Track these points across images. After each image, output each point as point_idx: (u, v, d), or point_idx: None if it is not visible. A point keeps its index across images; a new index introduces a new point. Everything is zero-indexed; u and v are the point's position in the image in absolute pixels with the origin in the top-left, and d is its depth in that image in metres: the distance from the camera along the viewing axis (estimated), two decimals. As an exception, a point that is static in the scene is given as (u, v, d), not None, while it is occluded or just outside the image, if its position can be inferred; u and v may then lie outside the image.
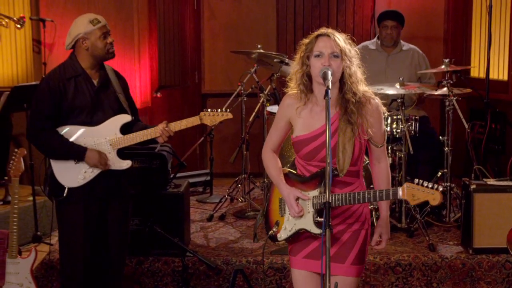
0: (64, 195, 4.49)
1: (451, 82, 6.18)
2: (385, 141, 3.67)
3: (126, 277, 5.40)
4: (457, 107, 6.06)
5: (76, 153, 4.45)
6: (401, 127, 5.96)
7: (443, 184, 6.13)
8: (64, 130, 4.48)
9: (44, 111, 4.46)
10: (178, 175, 7.54)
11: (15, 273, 4.96)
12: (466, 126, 6.08)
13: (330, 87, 3.34)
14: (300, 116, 3.59)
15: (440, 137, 6.34)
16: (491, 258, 5.47)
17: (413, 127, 6.14)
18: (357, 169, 3.58)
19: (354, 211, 3.58)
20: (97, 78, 4.56)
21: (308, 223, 3.52)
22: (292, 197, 3.53)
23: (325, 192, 3.29)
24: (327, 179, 3.25)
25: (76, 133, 4.47)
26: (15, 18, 6.90)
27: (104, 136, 4.52)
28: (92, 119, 4.51)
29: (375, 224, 5.69)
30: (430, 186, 3.24)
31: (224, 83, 8.62)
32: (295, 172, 3.67)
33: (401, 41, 6.95)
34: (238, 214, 6.68)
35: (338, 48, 3.49)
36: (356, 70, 3.57)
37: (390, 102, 6.24)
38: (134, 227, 5.45)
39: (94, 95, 4.52)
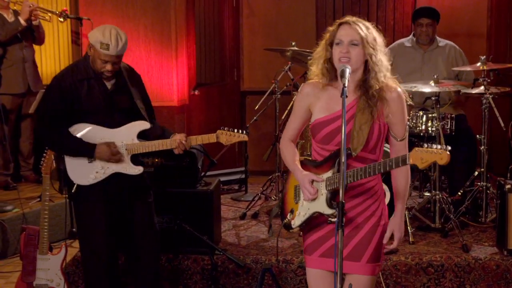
0: (72, 191, 4.54)
1: (487, 80, 6.03)
2: (406, 135, 3.55)
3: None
4: (493, 105, 5.92)
5: (86, 150, 4.48)
6: (435, 125, 5.85)
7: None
8: (81, 128, 4.51)
9: (54, 110, 4.48)
10: (215, 172, 7.59)
11: (46, 269, 5.02)
12: (502, 125, 5.93)
13: (346, 84, 3.29)
14: (319, 101, 3.56)
15: (477, 136, 6.19)
16: (527, 259, 5.35)
17: (449, 126, 6.03)
18: (376, 158, 3.51)
19: (370, 205, 3.52)
20: (112, 81, 4.56)
21: (321, 205, 3.47)
22: (307, 180, 3.48)
23: (338, 172, 3.25)
24: (342, 175, 3.18)
25: (93, 133, 4.51)
26: (57, 12, 6.97)
27: (121, 140, 4.55)
28: (109, 121, 4.53)
29: (408, 224, 5.73)
30: (438, 147, 3.16)
31: (263, 80, 8.59)
32: (310, 158, 3.64)
33: (437, 37, 6.80)
34: (279, 213, 6.63)
35: (359, 36, 3.43)
36: (382, 58, 3.50)
37: (425, 100, 6.14)
38: (164, 225, 5.47)
39: (108, 98, 4.53)
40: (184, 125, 7.73)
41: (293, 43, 6.69)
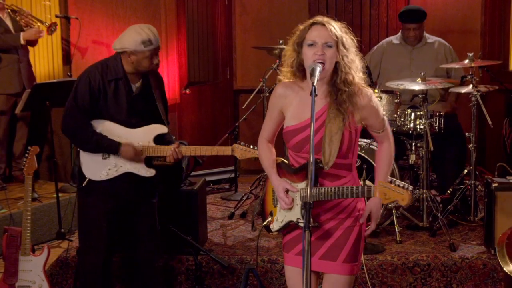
0: (84, 184, 4.58)
1: (476, 78, 5.96)
2: (385, 126, 3.53)
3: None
4: (481, 102, 5.86)
5: (111, 146, 4.51)
6: (423, 123, 5.80)
7: (416, 187, 6.02)
8: (100, 124, 4.54)
9: (81, 106, 4.50)
10: (206, 172, 7.56)
11: (28, 270, 4.99)
12: (490, 122, 5.87)
13: (315, 83, 3.24)
14: (290, 105, 3.51)
15: (466, 134, 6.14)
16: (514, 258, 5.28)
17: (438, 123, 5.97)
18: (349, 162, 3.47)
19: (346, 206, 3.48)
20: (138, 83, 4.59)
21: (296, 215, 3.46)
22: (282, 189, 3.47)
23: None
24: (309, 178, 3.14)
25: (111, 130, 4.54)
26: (46, 24, 6.94)
27: (138, 141, 4.57)
28: (129, 122, 4.55)
29: (395, 223, 5.68)
30: (401, 185, 3.12)
31: (256, 79, 8.46)
32: (287, 162, 3.59)
33: (426, 34, 6.73)
34: (259, 212, 6.59)
35: (333, 37, 3.37)
36: (354, 59, 3.45)
37: (412, 97, 6.08)
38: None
39: (132, 101, 4.55)
40: (176, 124, 7.69)
41: (281, 41, 6.64)
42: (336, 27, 3.42)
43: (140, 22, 7.34)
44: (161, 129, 4.65)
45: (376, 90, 5.95)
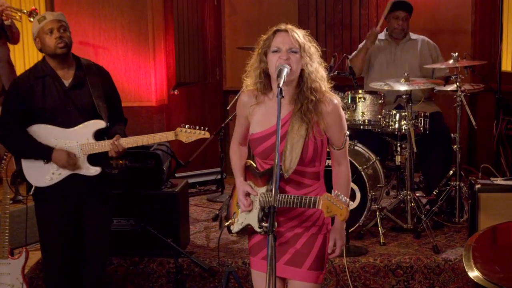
0: (31, 193, 4.49)
1: (461, 75, 5.91)
2: (345, 144, 3.45)
3: (116, 277, 5.37)
4: (465, 103, 5.81)
5: (43, 153, 4.40)
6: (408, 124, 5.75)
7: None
8: (36, 129, 4.42)
9: (11, 111, 4.42)
10: (193, 173, 7.52)
11: (7, 273, 4.94)
12: (474, 123, 5.82)
13: (281, 84, 3.20)
14: (255, 113, 3.48)
15: (452, 134, 6.09)
16: (498, 260, 5.23)
17: (423, 124, 5.92)
18: (315, 171, 3.42)
19: (311, 215, 3.43)
20: (70, 79, 4.46)
21: (253, 219, 3.43)
22: (242, 191, 3.46)
23: (270, 191, 3.19)
24: (274, 182, 3.10)
25: (48, 133, 4.41)
26: (25, 11, 6.83)
27: (76, 140, 4.44)
28: (66, 120, 4.42)
29: (379, 225, 5.63)
30: (343, 200, 3.08)
31: (246, 79, 8.48)
32: (255, 165, 3.55)
33: (410, 32, 6.71)
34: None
35: (297, 43, 3.33)
36: (318, 68, 3.41)
37: (396, 98, 6.04)
38: (128, 227, 5.41)
39: (65, 96, 4.42)
40: (164, 126, 7.64)
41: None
42: (300, 34, 3.37)
43: (127, 22, 7.42)
44: (98, 124, 4.45)
45: (360, 91, 5.90)
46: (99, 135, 4.46)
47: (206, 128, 4.57)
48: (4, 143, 4.61)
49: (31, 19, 6.81)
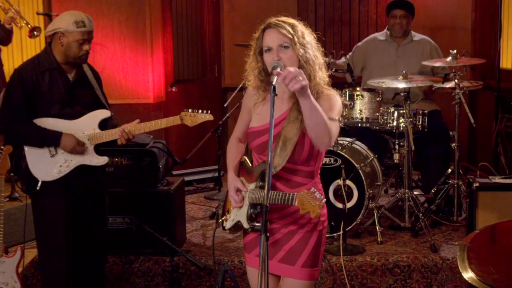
0: (38, 188, 4.42)
1: (459, 73, 5.87)
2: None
3: (112, 275, 5.34)
4: (463, 100, 5.77)
5: (52, 137, 4.37)
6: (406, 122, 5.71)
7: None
8: (43, 122, 4.40)
9: (16, 103, 4.38)
10: (190, 171, 7.48)
11: (1, 272, 4.90)
12: (472, 121, 5.78)
13: (274, 82, 3.14)
14: (257, 108, 3.46)
15: (450, 132, 6.05)
16: (496, 259, 5.19)
17: (421, 122, 5.88)
18: (310, 170, 3.38)
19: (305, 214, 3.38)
20: (73, 73, 4.49)
21: (243, 216, 3.41)
22: (233, 187, 3.44)
23: (258, 187, 3.20)
24: (267, 180, 3.05)
25: (54, 126, 4.40)
26: (30, 25, 6.78)
27: (82, 131, 4.45)
28: (70, 113, 4.43)
29: (376, 223, 5.60)
30: (317, 197, 3.04)
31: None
32: (249, 161, 3.54)
33: (412, 31, 6.65)
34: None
35: (286, 38, 3.27)
36: (316, 54, 3.35)
37: (394, 95, 5.99)
38: (123, 225, 5.37)
39: (70, 90, 4.44)
40: (161, 123, 7.59)
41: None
42: (288, 27, 3.28)
43: (124, 19, 7.37)
44: (104, 113, 4.51)
45: (358, 89, 5.87)
46: (103, 126, 4.48)
47: (209, 111, 4.55)
48: (8, 133, 4.55)
49: (30, 35, 6.78)
